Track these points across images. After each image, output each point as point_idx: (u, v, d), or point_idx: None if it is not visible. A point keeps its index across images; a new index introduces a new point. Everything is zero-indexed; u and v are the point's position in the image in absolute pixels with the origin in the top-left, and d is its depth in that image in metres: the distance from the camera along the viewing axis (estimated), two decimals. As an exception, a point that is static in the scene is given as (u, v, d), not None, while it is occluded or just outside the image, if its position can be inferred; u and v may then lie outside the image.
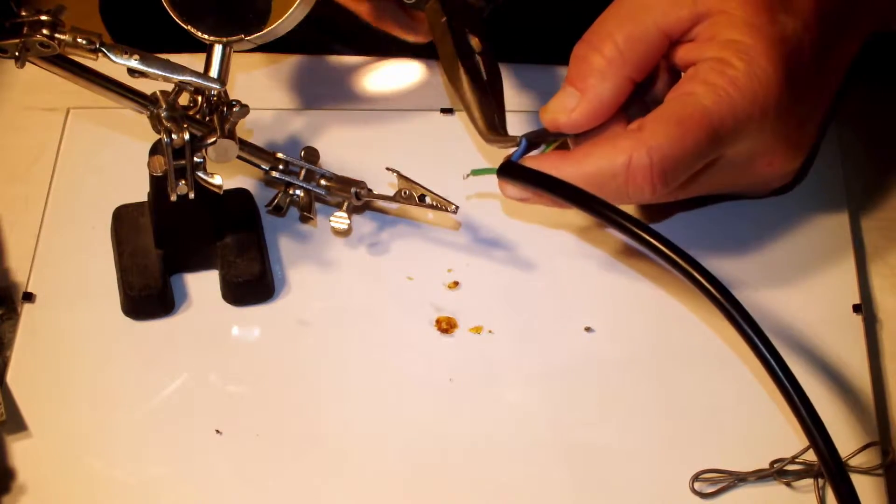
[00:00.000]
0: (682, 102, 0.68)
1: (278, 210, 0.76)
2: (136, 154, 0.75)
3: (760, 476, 0.68)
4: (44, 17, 0.66)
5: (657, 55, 0.70)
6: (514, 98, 0.82)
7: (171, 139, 0.69)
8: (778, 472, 0.68)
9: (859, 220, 0.78)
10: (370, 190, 0.75)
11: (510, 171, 0.70)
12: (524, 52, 0.85)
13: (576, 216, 0.77)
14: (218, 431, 0.70)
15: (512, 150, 0.71)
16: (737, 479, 0.68)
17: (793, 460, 0.68)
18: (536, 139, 0.72)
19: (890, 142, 0.82)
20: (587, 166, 0.68)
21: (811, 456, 0.67)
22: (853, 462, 0.68)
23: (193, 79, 0.69)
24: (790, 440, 0.69)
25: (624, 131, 0.69)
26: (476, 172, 0.72)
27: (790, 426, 0.69)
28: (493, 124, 0.72)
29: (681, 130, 0.67)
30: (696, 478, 0.68)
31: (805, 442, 0.68)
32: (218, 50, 0.72)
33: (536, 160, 0.70)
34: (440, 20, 0.75)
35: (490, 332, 0.74)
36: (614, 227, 0.67)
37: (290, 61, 0.85)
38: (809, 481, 0.68)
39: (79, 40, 0.66)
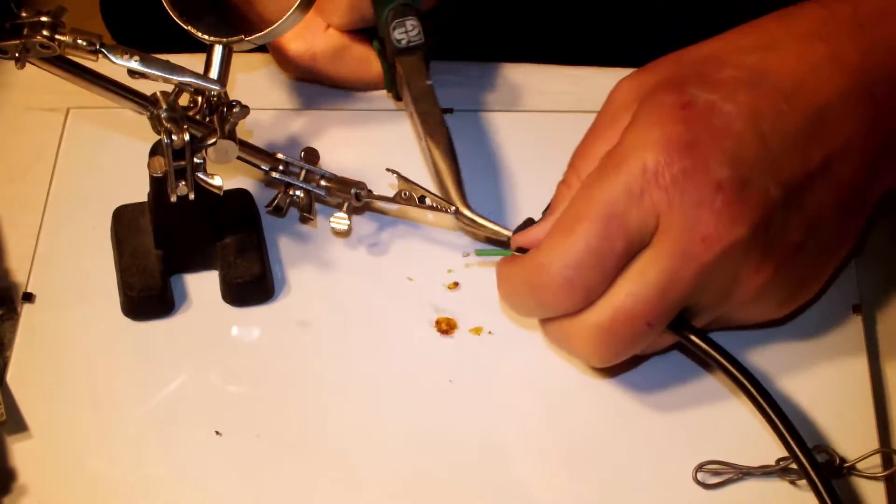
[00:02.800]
0: None
1: (278, 211, 0.76)
2: (136, 154, 0.75)
3: (765, 472, 0.68)
4: (44, 19, 0.66)
5: None
6: (505, 98, 0.83)
7: (171, 140, 0.69)
8: (783, 469, 0.68)
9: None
10: (370, 191, 0.75)
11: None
12: (505, 51, 0.85)
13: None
14: (218, 433, 0.70)
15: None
16: (741, 472, 0.68)
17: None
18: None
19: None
20: None
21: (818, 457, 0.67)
22: (861, 466, 0.68)
23: (193, 80, 0.69)
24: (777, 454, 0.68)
25: None
26: (480, 253, 0.74)
27: (799, 425, 0.69)
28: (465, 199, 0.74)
29: None
30: (699, 468, 0.68)
31: (813, 442, 0.68)
32: (218, 50, 0.72)
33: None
34: (425, 82, 0.76)
35: (490, 333, 0.74)
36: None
37: (290, 61, 0.85)
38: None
39: (79, 41, 0.66)
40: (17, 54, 0.66)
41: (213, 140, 0.70)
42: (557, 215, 0.68)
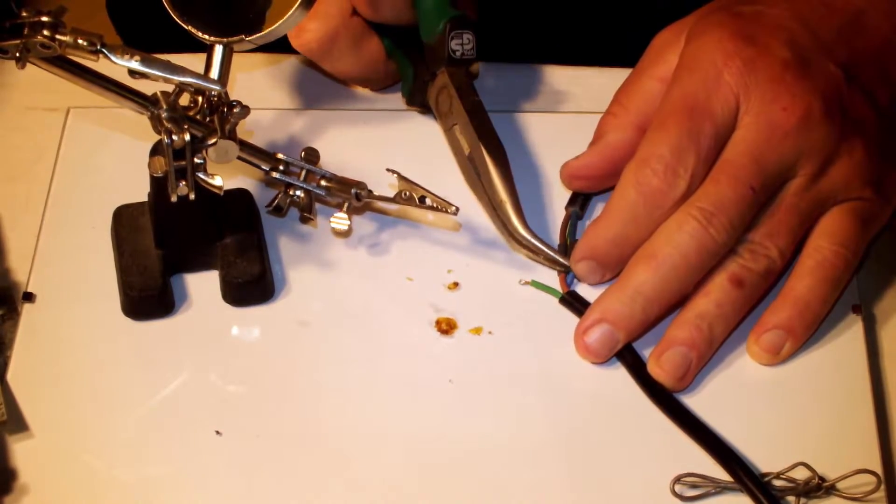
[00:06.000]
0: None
1: (278, 210, 0.76)
2: (136, 154, 0.75)
3: (742, 487, 0.67)
4: (45, 18, 0.66)
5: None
6: (504, 98, 0.83)
7: (172, 140, 0.69)
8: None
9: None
10: (370, 191, 0.75)
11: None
12: (518, 52, 0.85)
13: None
14: (218, 432, 0.70)
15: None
16: (719, 486, 0.67)
17: (778, 476, 0.67)
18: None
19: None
20: None
21: (797, 473, 0.67)
22: (844, 485, 0.67)
23: (194, 80, 0.69)
24: (781, 455, 0.68)
25: None
26: (536, 285, 0.75)
27: (781, 441, 0.69)
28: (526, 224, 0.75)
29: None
30: (677, 480, 0.68)
31: (796, 458, 0.68)
32: (218, 50, 0.72)
33: None
34: (475, 97, 0.77)
35: (490, 333, 0.74)
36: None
37: (291, 61, 0.85)
38: (792, 499, 0.67)
39: (79, 41, 0.66)
40: (17, 54, 0.66)
41: (213, 140, 0.70)
42: (606, 140, 0.76)
